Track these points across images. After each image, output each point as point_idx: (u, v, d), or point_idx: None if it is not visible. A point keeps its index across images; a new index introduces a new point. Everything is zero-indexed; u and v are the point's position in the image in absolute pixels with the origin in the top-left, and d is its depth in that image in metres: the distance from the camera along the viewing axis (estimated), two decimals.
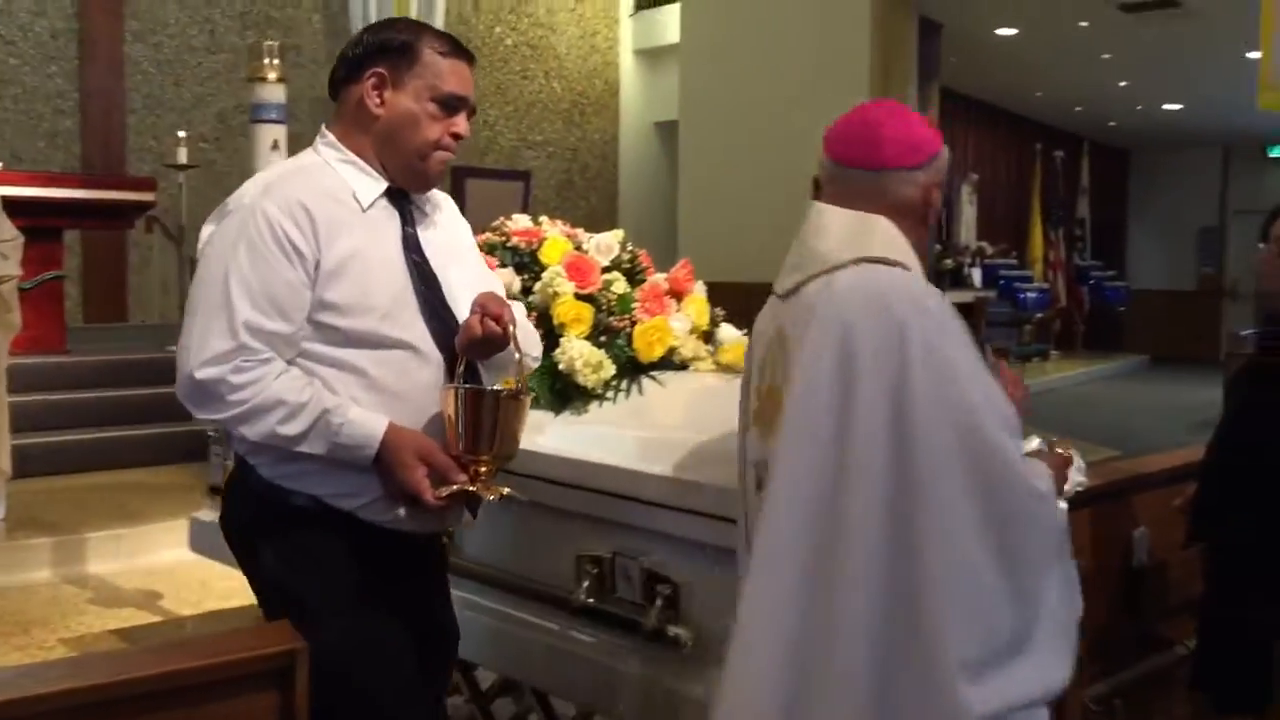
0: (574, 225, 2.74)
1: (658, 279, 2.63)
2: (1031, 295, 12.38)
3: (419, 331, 1.92)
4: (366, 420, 1.85)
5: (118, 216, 7.29)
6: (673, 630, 2.06)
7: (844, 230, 1.68)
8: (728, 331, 2.66)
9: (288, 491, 1.90)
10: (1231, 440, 2.59)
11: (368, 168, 1.94)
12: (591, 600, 2.20)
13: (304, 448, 1.85)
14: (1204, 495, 2.63)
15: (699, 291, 2.67)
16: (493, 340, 1.91)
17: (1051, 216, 13.80)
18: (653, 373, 2.45)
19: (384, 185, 1.95)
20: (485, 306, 1.91)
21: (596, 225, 2.78)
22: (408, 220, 1.97)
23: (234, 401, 1.83)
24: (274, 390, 1.83)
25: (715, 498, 2.00)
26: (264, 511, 1.93)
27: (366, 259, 1.89)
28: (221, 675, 1.69)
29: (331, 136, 1.97)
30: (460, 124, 1.95)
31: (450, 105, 1.94)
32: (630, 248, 2.69)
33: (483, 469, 1.88)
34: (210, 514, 3.25)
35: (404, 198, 1.98)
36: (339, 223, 1.89)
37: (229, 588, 4.10)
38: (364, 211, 1.92)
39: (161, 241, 8.51)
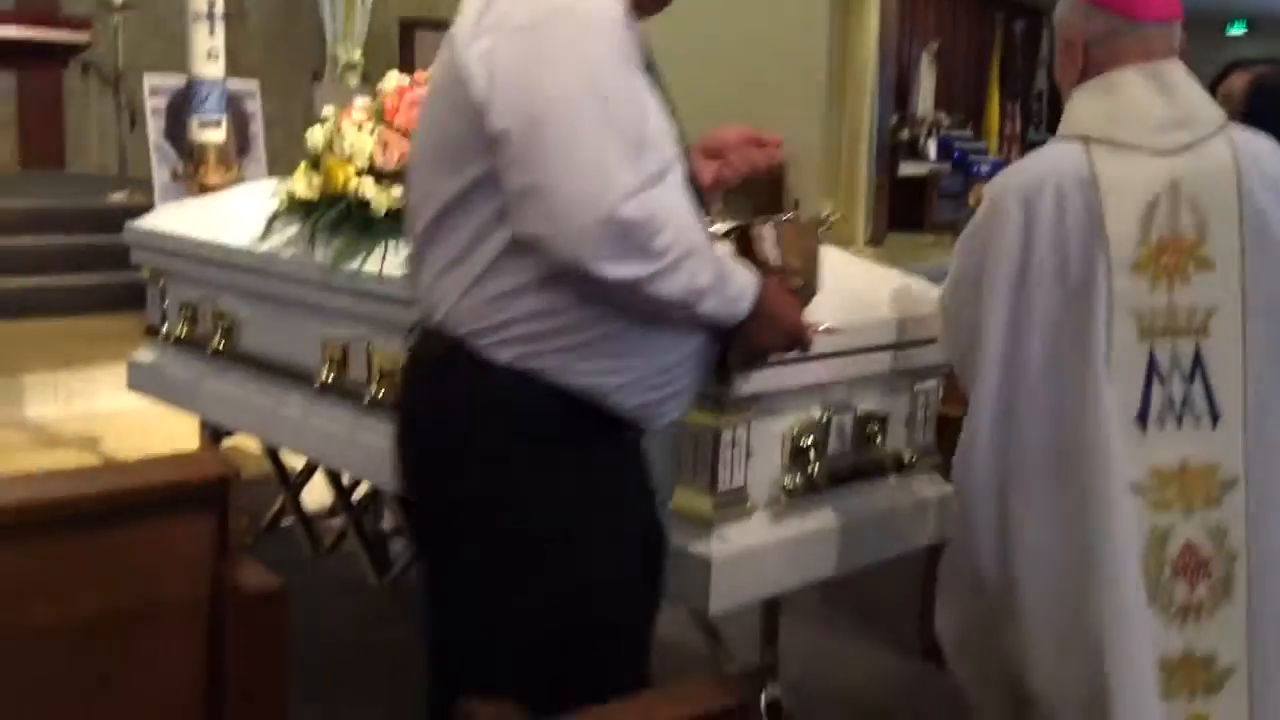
0: None
1: None
2: (985, 169, 12.36)
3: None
4: (736, 264, 1.61)
5: (49, 57, 7.02)
6: None
7: (1199, 89, 1.82)
8: None
9: (534, 380, 1.57)
10: None
11: None
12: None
13: (704, 306, 1.55)
14: None
15: None
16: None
17: (1009, 89, 13.71)
18: None
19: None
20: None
21: None
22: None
23: (659, 249, 1.48)
24: (691, 232, 1.54)
25: None
26: (496, 411, 1.58)
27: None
28: (154, 498, 1.69)
29: None
30: None
31: None
32: None
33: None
34: (147, 355, 3.22)
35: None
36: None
37: (170, 433, 4.08)
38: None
39: (99, 87, 8.22)
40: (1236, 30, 16.30)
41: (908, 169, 10.64)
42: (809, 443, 2.07)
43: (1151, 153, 1.76)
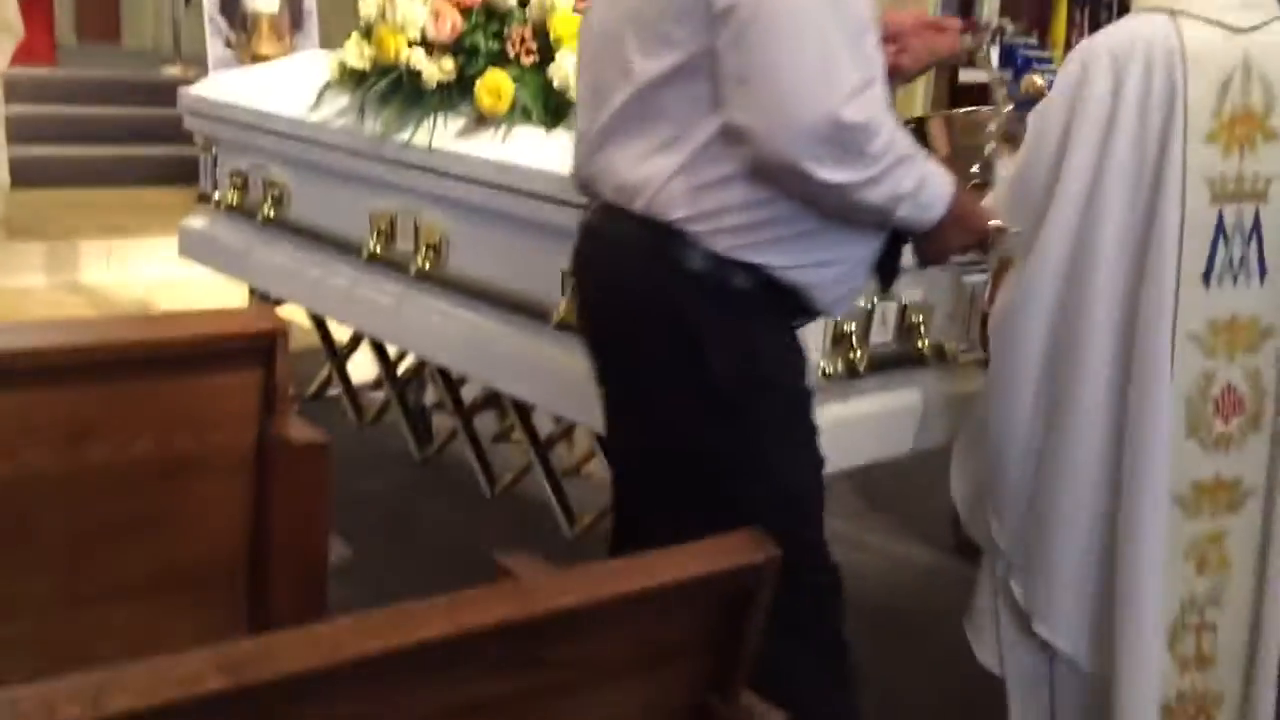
0: None
1: None
2: (1048, 79, 12.05)
3: None
4: (933, 167, 1.58)
5: None
6: None
7: None
8: None
9: (754, 270, 1.55)
10: None
11: None
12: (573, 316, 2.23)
13: (900, 211, 1.53)
14: None
15: None
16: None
17: None
18: None
19: None
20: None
21: None
22: None
23: (874, 154, 1.45)
24: (901, 137, 1.51)
25: None
26: (710, 300, 1.55)
27: None
28: (204, 348, 1.72)
29: None
30: None
31: None
32: None
33: None
34: (198, 221, 3.26)
35: None
36: None
37: (220, 300, 4.14)
38: None
39: None
40: None
41: (967, 76, 10.38)
42: (851, 329, 2.07)
43: (1228, 30, 1.84)
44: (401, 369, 3.15)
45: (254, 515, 1.79)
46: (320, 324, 3.21)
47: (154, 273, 4.66)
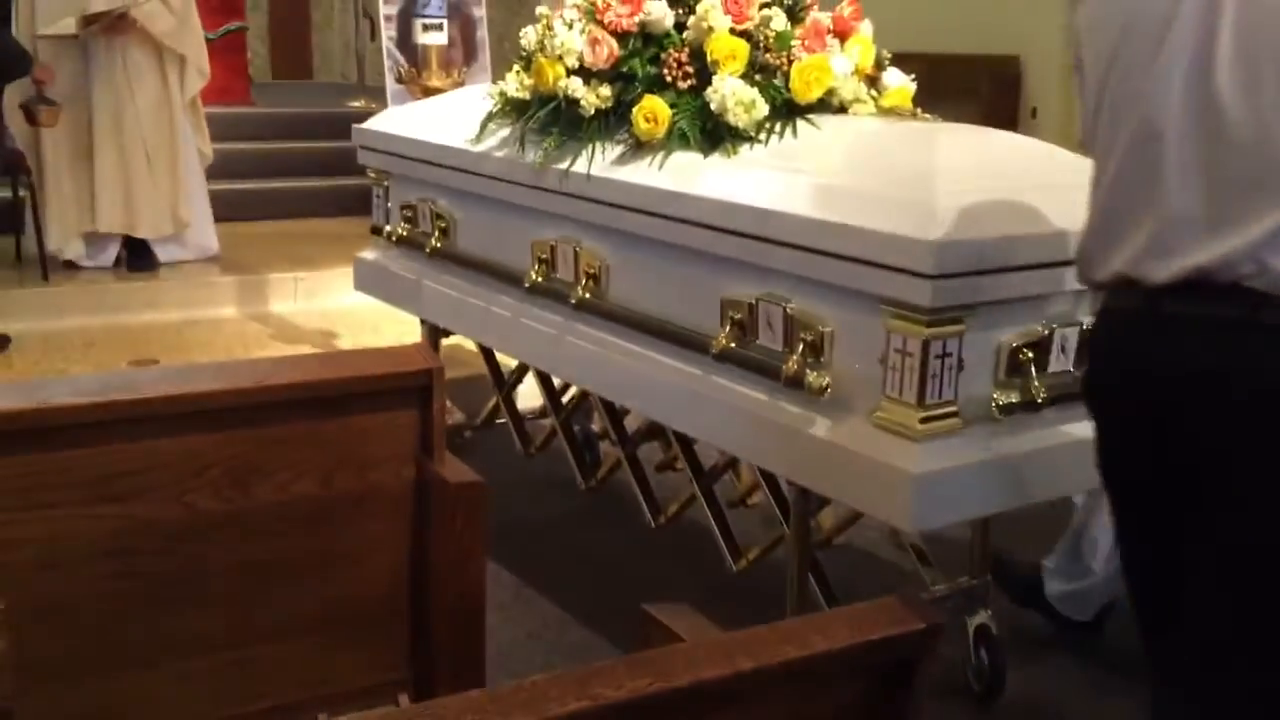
0: None
1: (820, 16, 2.46)
2: None
3: None
4: None
5: None
6: (811, 377, 2.01)
7: None
8: (894, 75, 2.48)
9: None
10: None
11: None
12: (734, 345, 2.17)
13: None
14: None
15: (865, 31, 2.49)
16: None
17: None
18: (809, 115, 2.32)
19: None
20: None
21: None
22: None
23: None
24: None
25: (865, 242, 1.90)
26: None
27: None
28: (363, 389, 1.74)
29: None
30: None
31: None
32: None
33: None
34: (371, 254, 3.34)
35: None
36: None
37: (398, 330, 4.26)
38: None
39: (343, 1, 8.55)
40: None
41: None
42: (1027, 358, 1.94)
43: None
44: (567, 396, 3.15)
45: (413, 552, 1.80)
46: (487, 353, 3.24)
47: (337, 302, 4.83)
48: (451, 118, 3.02)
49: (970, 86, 6.75)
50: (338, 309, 4.85)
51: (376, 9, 6.12)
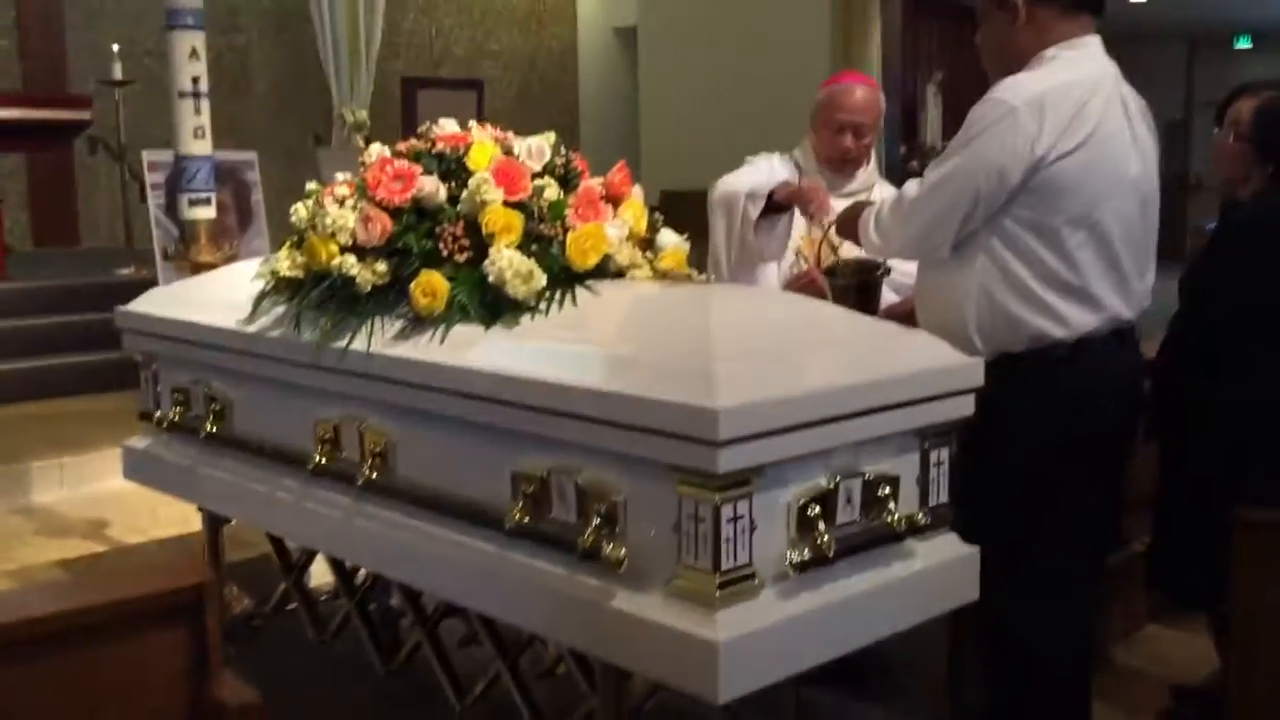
0: (534, 135, 2.58)
1: (592, 183, 2.51)
2: None
3: None
4: None
5: (54, 136, 7.04)
6: (608, 549, 1.98)
7: None
8: (667, 236, 2.55)
9: None
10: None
11: None
12: (528, 519, 2.13)
13: None
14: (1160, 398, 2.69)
15: (636, 195, 2.55)
16: None
17: None
18: (588, 282, 2.34)
19: None
20: None
21: (559, 135, 2.62)
22: None
23: None
24: None
25: (650, 411, 1.90)
26: None
27: None
28: (125, 611, 1.61)
29: None
30: None
31: None
32: (564, 152, 2.57)
33: None
34: (141, 442, 3.16)
35: None
36: None
37: (177, 514, 4.01)
38: None
39: (107, 163, 8.26)
40: (1243, 44, 16.21)
41: None
42: (816, 512, 1.97)
43: None
44: (361, 575, 3.01)
45: None
46: (274, 537, 3.08)
47: (108, 487, 4.52)
48: (222, 296, 2.92)
49: None
50: (109, 494, 4.54)
51: (144, 171, 5.94)
